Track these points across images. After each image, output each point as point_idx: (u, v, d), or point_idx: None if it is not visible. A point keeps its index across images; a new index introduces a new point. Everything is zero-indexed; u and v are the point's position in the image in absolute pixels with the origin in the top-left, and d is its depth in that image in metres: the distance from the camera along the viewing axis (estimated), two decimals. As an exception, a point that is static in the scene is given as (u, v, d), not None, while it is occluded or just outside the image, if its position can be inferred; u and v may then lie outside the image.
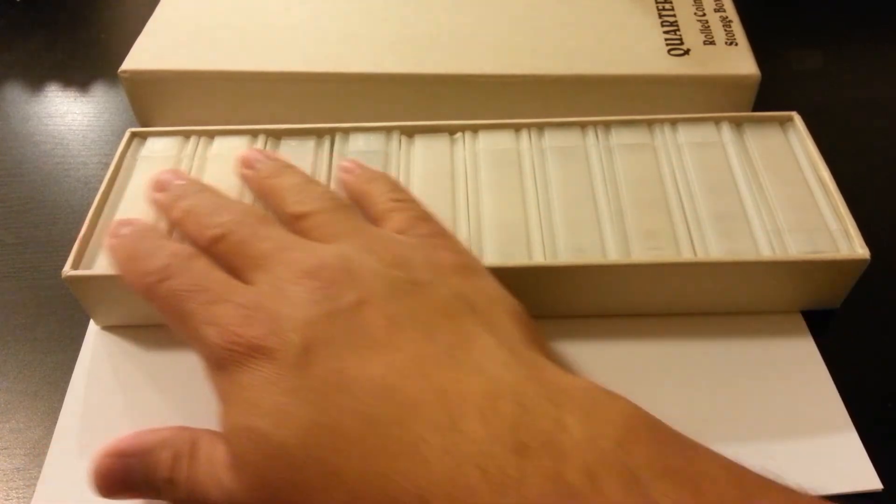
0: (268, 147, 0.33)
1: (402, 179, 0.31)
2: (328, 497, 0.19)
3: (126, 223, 0.26)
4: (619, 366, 0.29)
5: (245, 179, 0.30)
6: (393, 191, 0.28)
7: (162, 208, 0.28)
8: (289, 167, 0.29)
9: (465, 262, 0.24)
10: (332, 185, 0.31)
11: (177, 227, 0.27)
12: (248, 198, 0.31)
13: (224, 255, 0.24)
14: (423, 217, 0.26)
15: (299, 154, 0.32)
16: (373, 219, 0.27)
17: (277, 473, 0.19)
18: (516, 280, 0.28)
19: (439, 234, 0.26)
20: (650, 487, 0.17)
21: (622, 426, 0.18)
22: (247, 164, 0.29)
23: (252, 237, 0.24)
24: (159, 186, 0.28)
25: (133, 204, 0.31)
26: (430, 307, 0.21)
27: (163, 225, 0.29)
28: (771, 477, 0.18)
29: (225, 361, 0.21)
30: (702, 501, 0.17)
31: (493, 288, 0.24)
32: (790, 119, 0.33)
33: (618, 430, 0.18)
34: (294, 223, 0.25)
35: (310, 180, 0.28)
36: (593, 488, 0.17)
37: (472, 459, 0.17)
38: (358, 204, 0.28)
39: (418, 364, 0.20)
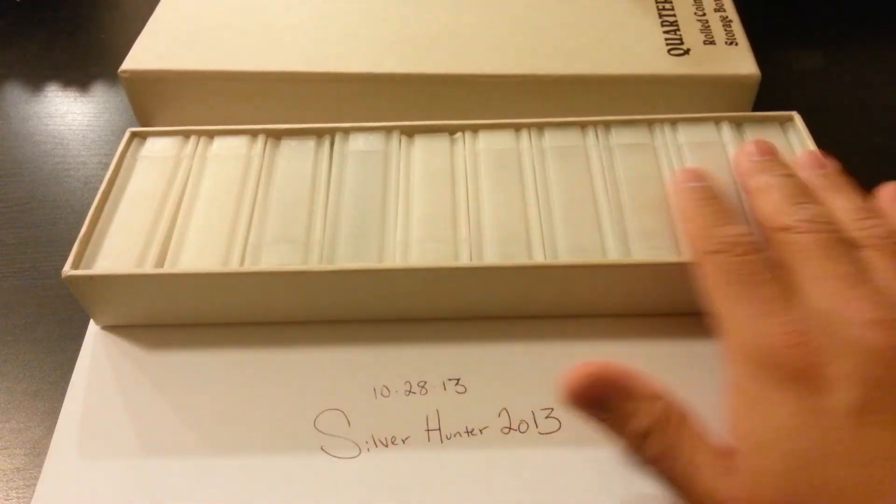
0: (268, 147, 0.33)
1: (402, 179, 0.31)
2: None
3: (702, 176, 0.28)
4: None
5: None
6: None
7: (747, 173, 0.28)
8: (845, 185, 0.27)
9: None
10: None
11: (752, 196, 0.27)
12: (248, 197, 0.31)
13: (784, 245, 0.24)
14: None
15: (299, 154, 0.32)
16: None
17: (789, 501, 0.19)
18: (516, 280, 0.28)
19: None
20: None
21: None
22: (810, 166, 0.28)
23: (823, 250, 0.23)
24: (761, 151, 0.28)
25: (133, 204, 0.31)
26: None
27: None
28: None
29: (762, 365, 0.21)
30: None
31: None
32: (790, 119, 0.33)
33: None
34: (852, 250, 0.23)
35: (871, 206, 0.25)
36: None
37: None
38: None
39: None
